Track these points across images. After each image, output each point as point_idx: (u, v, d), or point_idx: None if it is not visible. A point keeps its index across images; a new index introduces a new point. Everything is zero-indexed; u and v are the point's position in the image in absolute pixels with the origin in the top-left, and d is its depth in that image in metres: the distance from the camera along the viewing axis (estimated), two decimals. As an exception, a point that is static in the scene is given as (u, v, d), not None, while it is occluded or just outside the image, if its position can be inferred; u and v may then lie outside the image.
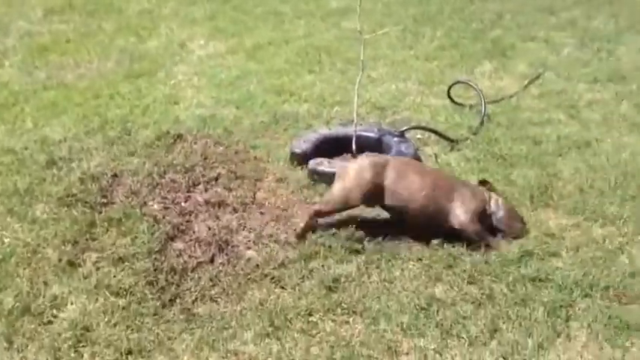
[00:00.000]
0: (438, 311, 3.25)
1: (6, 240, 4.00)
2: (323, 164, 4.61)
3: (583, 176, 4.46)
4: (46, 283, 3.58)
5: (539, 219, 4.02)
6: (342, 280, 3.53)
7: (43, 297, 3.44)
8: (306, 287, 3.47)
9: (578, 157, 4.78)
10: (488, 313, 3.20)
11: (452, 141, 5.11)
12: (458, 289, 3.42)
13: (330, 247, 3.81)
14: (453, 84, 5.88)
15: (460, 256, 3.69)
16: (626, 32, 7.91)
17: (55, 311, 3.37)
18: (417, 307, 3.28)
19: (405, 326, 3.14)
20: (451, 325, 3.14)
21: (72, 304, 3.43)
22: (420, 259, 3.70)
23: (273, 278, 3.56)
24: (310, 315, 3.27)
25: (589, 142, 5.03)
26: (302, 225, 3.97)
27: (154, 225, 4.11)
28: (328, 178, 4.50)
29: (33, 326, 3.24)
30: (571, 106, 5.79)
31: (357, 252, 3.79)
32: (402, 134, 5.00)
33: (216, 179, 4.76)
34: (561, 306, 3.20)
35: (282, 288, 3.49)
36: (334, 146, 5.01)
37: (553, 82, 6.39)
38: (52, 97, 6.42)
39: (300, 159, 4.84)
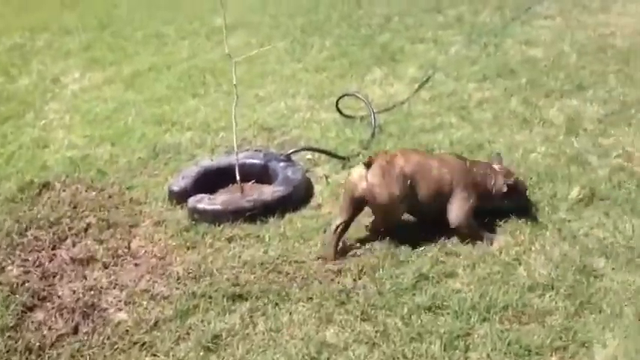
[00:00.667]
0: (329, 359, 2.91)
1: None
2: (203, 201, 4.21)
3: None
4: None
5: (436, 234, 3.76)
6: (224, 335, 3.14)
7: None
8: (181, 351, 3.05)
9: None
10: (382, 355, 2.89)
11: (343, 159, 4.82)
12: (351, 329, 3.09)
13: (210, 297, 3.42)
14: (340, 97, 5.61)
15: (352, 289, 3.37)
16: (512, 24, 7.90)
17: None
18: (307, 357, 2.92)
19: (291, 384, 2.79)
20: (343, 376, 2.81)
21: None
22: (311, 298, 3.35)
23: (143, 344, 3.12)
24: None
25: (481, 144, 4.85)
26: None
27: (9, 295, 3.60)
28: (210, 217, 4.12)
29: None
30: (462, 107, 5.63)
31: (241, 298, 3.41)
32: (288, 158, 4.67)
33: (86, 230, 4.28)
34: (459, 336, 2.91)
35: (154, 355, 3.06)
36: (217, 179, 4.63)
37: (443, 84, 6.22)
38: None
39: (180, 197, 4.42)
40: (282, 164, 4.60)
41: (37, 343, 3.21)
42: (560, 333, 2.86)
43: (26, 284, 3.72)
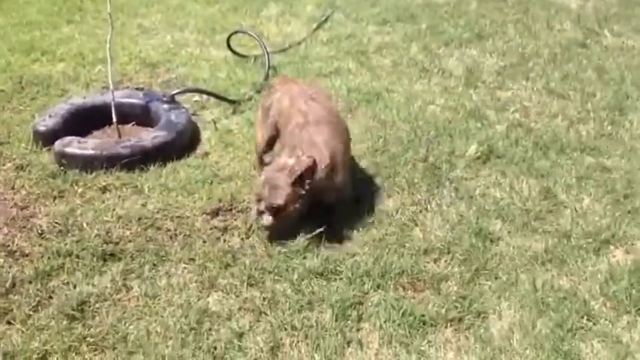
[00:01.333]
0: (210, 330, 2.65)
1: None
2: (73, 144, 3.74)
3: (374, 135, 4.04)
4: None
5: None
6: (92, 301, 2.79)
7: None
8: (41, 319, 2.68)
9: (369, 112, 4.36)
10: (269, 325, 2.66)
11: (233, 102, 4.46)
12: (235, 295, 2.83)
13: (77, 256, 3.04)
14: (232, 34, 5.19)
15: (239, 249, 3.10)
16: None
17: None
18: (186, 328, 2.65)
19: (167, 358, 2.50)
20: (225, 348, 2.56)
21: None
22: (193, 259, 3.05)
23: (-3, 311, 2.73)
24: (46, 357, 2.52)
25: (379, 93, 4.63)
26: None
27: None
28: (81, 162, 3.68)
29: None
30: (361, 51, 5.37)
31: (114, 258, 3.06)
32: (172, 99, 4.25)
33: None
34: (352, 304, 2.73)
35: (10, 323, 2.68)
36: (91, 119, 4.14)
37: (342, 25, 5.94)
38: None
39: (46, 138, 3.92)
40: (165, 106, 4.18)
41: None
42: (455, 302, 2.74)
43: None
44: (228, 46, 5.14)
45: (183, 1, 6.45)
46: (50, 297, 2.81)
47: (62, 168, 3.71)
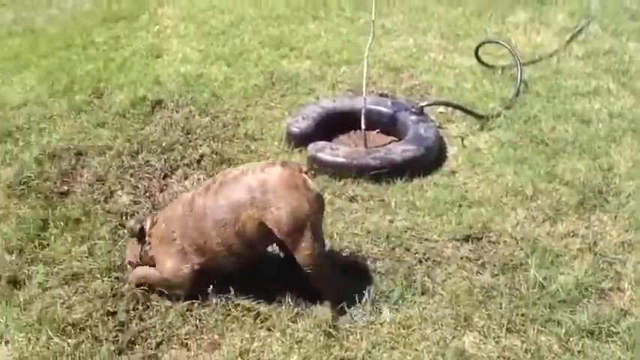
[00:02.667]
0: (467, 375, 2.53)
1: (-64, 245, 3.27)
2: (325, 151, 3.79)
3: (644, 172, 3.65)
4: (-23, 312, 2.87)
5: (594, 231, 3.24)
6: (342, 320, 2.79)
7: (-30, 336, 2.74)
8: (299, 332, 2.73)
9: (635, 144, 3.93)
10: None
11: (481, 118, 4.27)
12: (494, 340, 2.66)
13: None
14: (482, 43, 4.97)
15: (494, 286, 2.93)
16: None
17: (-18, 356, 2.67)
18: (441, 368, 2.55)
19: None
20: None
21: (7, 343, 2.72)
22: (444, 290, 2.94)
23: (258, 315, 2.82)
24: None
25: (647, 123, 4.18)
26: None
27: (117, 228, 3.37)
28: (331, 169, 3.73)
29: (-49, 382, 2.55)
30: (622, 71, 4.88)
31: (363, 275, 3.04)
32: (421, 111, 4.16)
33: (199, 162, 3.99)
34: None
35: (269, 330, 2.76)
36: (339, 121, 4.20)
37: (599, 39, 5.46)
38: (16, 46, 5.58)
39: (298, 140, 4.03)
40: (413, 117, 4.10)
41: (144, 293, 2.97)
42: None
43: (136, 215, 3.48)
44: (476, 55, 4.94)
45: (426, 1, 6.33)
46: (299, 315, 2.85)
47: (313, 173, 3.78)
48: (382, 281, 3.00)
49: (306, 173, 2.81)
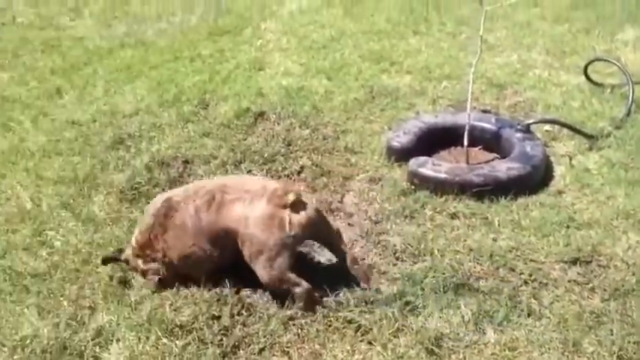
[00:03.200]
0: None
1: (56, 243, 3.47)
2: (427, 166, 3.77)
3: None
4: (92, 308, 3.02)
5: None
6: (447, 339, 2.75)
7: (86, 330, 2.88)
8: (400, 347, 2.72)
9: None
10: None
11: (590, 137, 4.12)
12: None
13: (429, 284, 3.02)
14: (591, 61, 4.80)
15: (604, 312, 2.81)
16: None
17: (97, 350, 2.80)
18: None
19: None
20: None
21: (118, 341, 2.85)
22: (551, 313, 2.84)
23: (359, 328, 2.82)
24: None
25: None
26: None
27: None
28: (432, 185, 3.69)
29: (69, 372, 2.69)
30: None
31: (466, 293, 2.98)
32: (527, 128, 4.06)
33: (299, 173, 4.05)
34: None
35: (371, 344, 2.76)
36: (440, 137, 4.16)
37: None
38: (127, 57, 5.87)
39: (399, 154, 4.03)
40: (518, 135, 4.01)
41: (248, 299, 3.04)
42: None
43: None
44: (585, 73, 4.78)
45: (531, 18, 6.20)
46: (404, 324, 2.83)
47: (413, 187, 3.76)
48: (486, 301, 2.93)
49: (294, 205, 2.90)
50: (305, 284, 2.91)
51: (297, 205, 2.92)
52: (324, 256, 3.28)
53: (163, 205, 3.12)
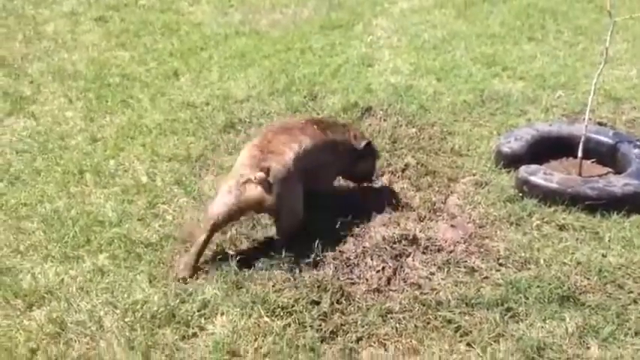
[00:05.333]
0: None
1: (168, 217, 3.65)
2: (538, 174, 3.69)
3: None
4: (197, 281, 3.15)
5: None
6: (549, 349, 2.70)
7: (193, 302, 3.01)
8: (500, 352, 2.69)
9: None
10: None
11: None
12: None
13: (535, 295, 2.97)
14: None
15: None
16: None
17: (202, 321, 2.93)
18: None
19: None
20: None
21: (222, 315, 2.96)
22: (661, 336, 2.74)
23: (458, 328, 2.82)
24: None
25: None
26: None
27: (333, 221, 3.52)
28: (542, 194, 3.61)
29: (175, 338, 2.82)
30: None
31: (571, 306, 2.92)
32: (647, 144, 3.90)
33: (403, 171, 4.06)
34: None
35: (470, 346, 2.74)
36: (552, 147, 4.06)
37: None
38: (242, 45, 6.05)
39: (508, 160, 3.96)
40: (636, 151, 3.86)
41: (348, 288, 3.09)
42: None
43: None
44: None
45: (655, 30, 5.92)
46: (504, 332, 2.79)
47: (521, 195, 3.69)
48: (591, 316, 2.86)
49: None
50: (194, 249, 3.22)
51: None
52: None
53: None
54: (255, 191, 3.22)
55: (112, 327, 2.86)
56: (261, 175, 3.20)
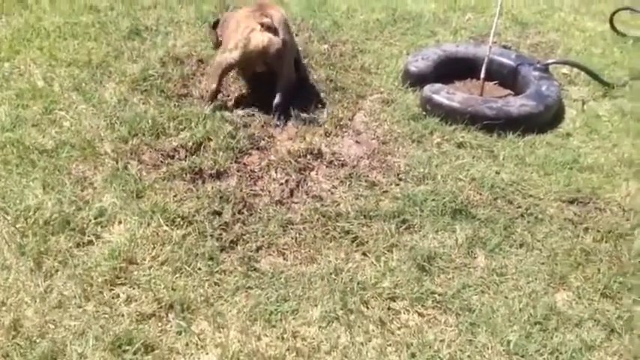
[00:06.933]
0: (556, 330, 2.53)
1: (65, 123, 3.51)
2: (441, 93, 3.76)
3: None
4: (95, 190, 3.08)
5: None
6: (439, 259, 2.83)
7: (89, 209, 2.94)
8: (393, 260, 2.80)
9: None
10: (621, 347, 2.45)
11: (607, 85, 4.10)
12: (588, 302, 2.65)
13: (430, 208, 3.08)
14: (618, 10, 4.72)
15: (592, 251, 2.88)
16: None
17: (98, 229, 2.87)
18: (532, 319, 2.55)
19: (511, 346, 2.45)
20: (571, 356, 2.42)
21: (120, 223, 2.92)
22: (542, 246, 2.92)
23: (355, 239, 2.90)
24: (392, 301, 2.62)
25: None
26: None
27: (233, 135, 3.49)
28: (444, 113, 3.70)
29: (69, 245, 2.76)
30: None
31: (463, 217, 3.05)
32: (546, 68, 4.03)
33: (313, 88, 4.04)
34: None
35: (365, 255, 2.83)
36: (457, 67, 4.14)
37: None
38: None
39: (415, 79, 4.01)
40: (535, 74, 3.99)
41: (250, 199, 3.10)
42: None
43: (248, 128, 3.60)
44: (611, 21, 4.72)
45: (563, -42, 6.03)
46: (400, 241, 2.90)
47: (424, 113, 3.77)
48: (481, 228, 3.00)
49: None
50: (214, 86, 3.69)
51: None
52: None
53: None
54: (262, 36, 3.54)
55: (1, 232, 2.77)
56: (267, 20, 3.53)
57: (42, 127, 3.44)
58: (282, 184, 3.25)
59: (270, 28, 3.54)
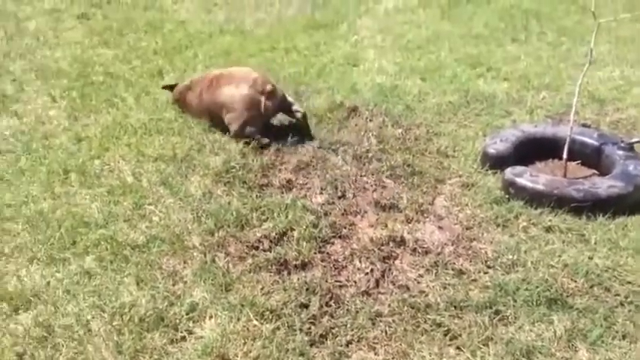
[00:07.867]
0: None
1: (154, 218, 3.61)
2: (524, 176, 3.71)
3: None
4: (186, 284, 3.13)
5: None
6: (538, 352, 2.72)
7: (181, 305, 2.99)
8: (490, 355, 2.70)
9: None
10: None
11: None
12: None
13: (523, 298, 2.99)
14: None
15: None
16: None
17: (190, 324, 2.90)
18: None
19: None
20: None
21: (211, 318, 2.94)
22: (647, 338, 2.77)
23: (448, 332, 2.82)
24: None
25: None
26: None
27: (315, 225, 3.51)
28: (528, 196, 3.64)
29: (163, 342, 2.79)
30: None
31: (559, 308, 2.94)
32: (631, 147, 3.94)
33: (390, 172, 4.06)
34: None
35: (459, 350, 2.75)
36: (537, 148, 4.10)
37: None
38: (226, 43, 6.02)
39: (494, 161, 3.98)
40: (620, 153, 3.90)
41: (336, 290, 3.08)
42: None
43: (329, 217, 3.62)
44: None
45: (635, 33, 5.99)
46: (493, 335, 2.81)
47: (507, 196, 3.72)
48: (579, 319, 2.88)
49: (269, 93, 4.30)
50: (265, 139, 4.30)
51: (272, 93, 4.30)
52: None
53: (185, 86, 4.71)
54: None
55: (99, 331, 2.83)
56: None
57: (133, 223, 3.55)
58: (367, 273, 3.23)
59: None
